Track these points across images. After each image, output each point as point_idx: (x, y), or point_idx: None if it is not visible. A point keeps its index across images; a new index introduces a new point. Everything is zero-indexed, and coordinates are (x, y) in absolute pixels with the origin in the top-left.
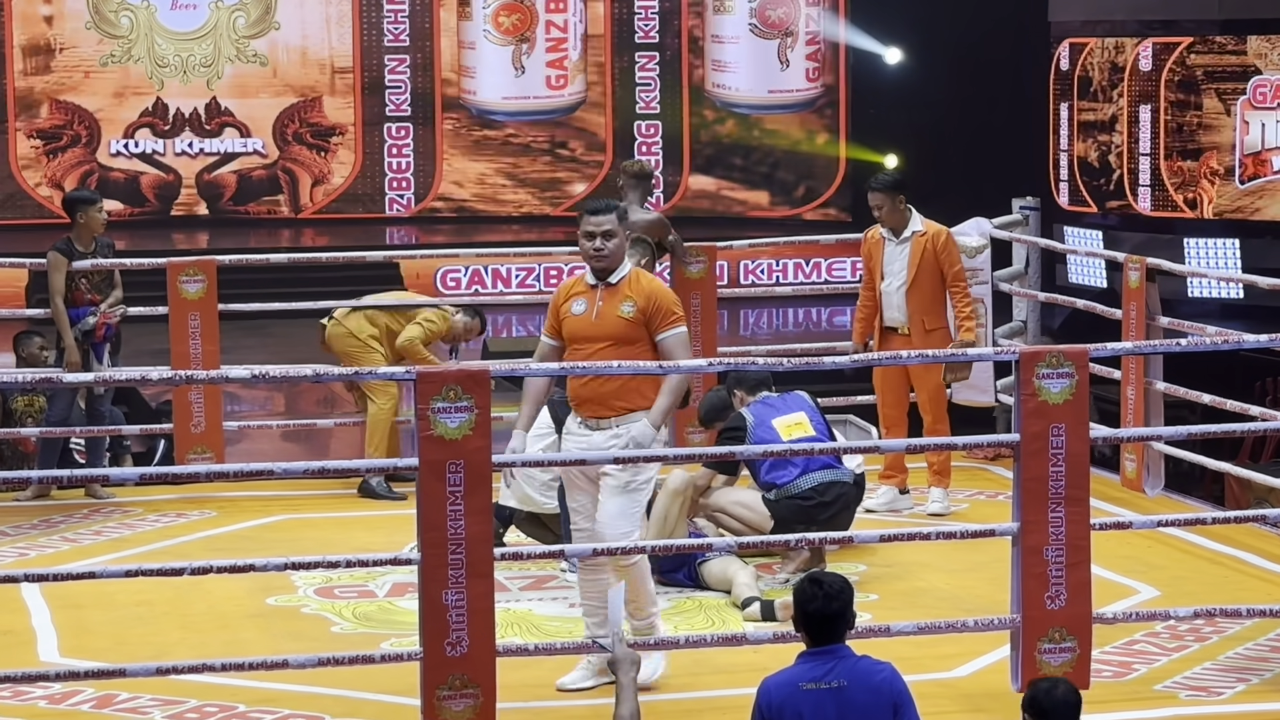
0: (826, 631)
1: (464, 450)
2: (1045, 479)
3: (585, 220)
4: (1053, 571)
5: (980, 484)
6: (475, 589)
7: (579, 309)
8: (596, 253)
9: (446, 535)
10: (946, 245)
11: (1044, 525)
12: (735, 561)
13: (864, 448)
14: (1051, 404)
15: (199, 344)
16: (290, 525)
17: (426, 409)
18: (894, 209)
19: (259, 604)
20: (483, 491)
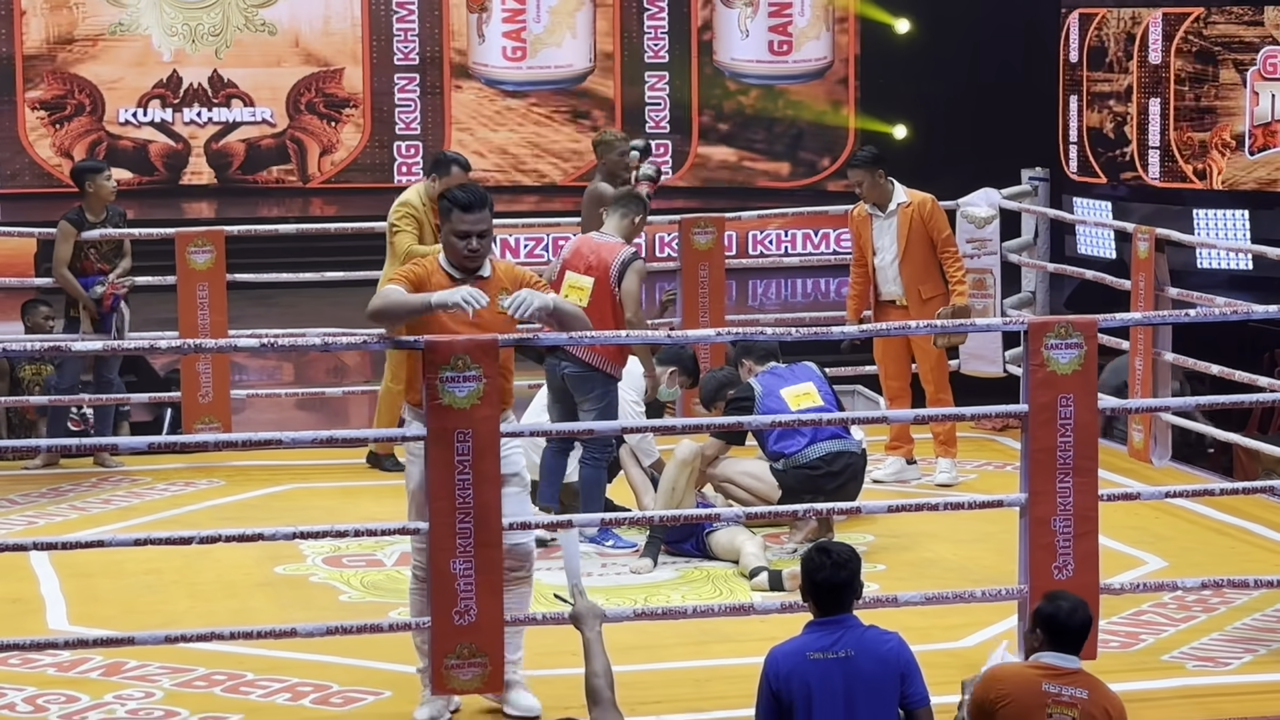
0: (834, 601)
1: (472, 419)
2: (1053, 449)
3: (457, 217)
4: (1060, 542)
5: (988, 455)
6: (483, 558)
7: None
8: (471, 254)
9: (455, 504)
10: (933, 212)
11: (1052, 496)
12: (743, 531)
13: (871, 418)
14: (1060, 374)
15: (207, 314)
16: (298, 494)
17: (434, 378)
18: (875, 184)
19: (267, 573)
20: (490, 460)
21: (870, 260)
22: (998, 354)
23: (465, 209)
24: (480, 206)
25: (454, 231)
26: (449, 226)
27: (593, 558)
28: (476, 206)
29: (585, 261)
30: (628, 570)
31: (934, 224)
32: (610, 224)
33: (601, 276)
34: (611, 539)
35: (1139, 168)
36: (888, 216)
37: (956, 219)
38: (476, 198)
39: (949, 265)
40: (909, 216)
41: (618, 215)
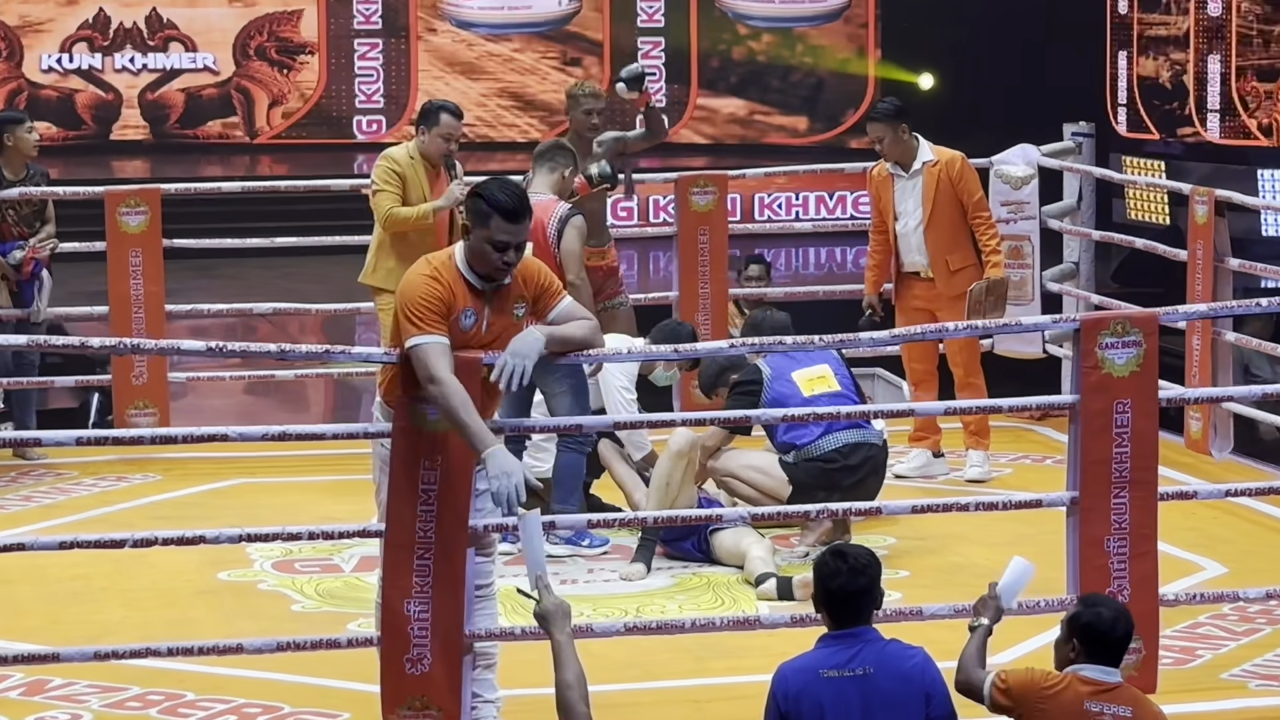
0: (851, 612)
1: (445, 446)
2: (1108, 461)
3: (497, 225)
4: (1115, 564)
5: (1025, 446)
6: (443, 603)
7: (468, 323)
8: (505, 266)
9: (413, 539)
10: (963, 172)
11: (1106, 513)
12: (749, 533)
13: (896, 411)
14: (1116, 377)
15: (140, 284)
16: (245, 491)
17: (409, 400)
18: (897, 140)
19: (209, 579)
20: (462, 491)
21: (891, 226)
22: (1036, 333)
23: (509, 216)
24: (526, 214)
25: (490, 240)
26: (484, 233)
27: (578, 562)
28: (522, 215)
29: None
30: (617, 577)
31: (964, 185)
32: (539, 180)
33: (539, 239)
34: (588, 539)
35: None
36: (911, 177)
37: (990, 180)
38: (523, 204)
39: (981, 233)
40: (935, 177)
41: (545, 169)
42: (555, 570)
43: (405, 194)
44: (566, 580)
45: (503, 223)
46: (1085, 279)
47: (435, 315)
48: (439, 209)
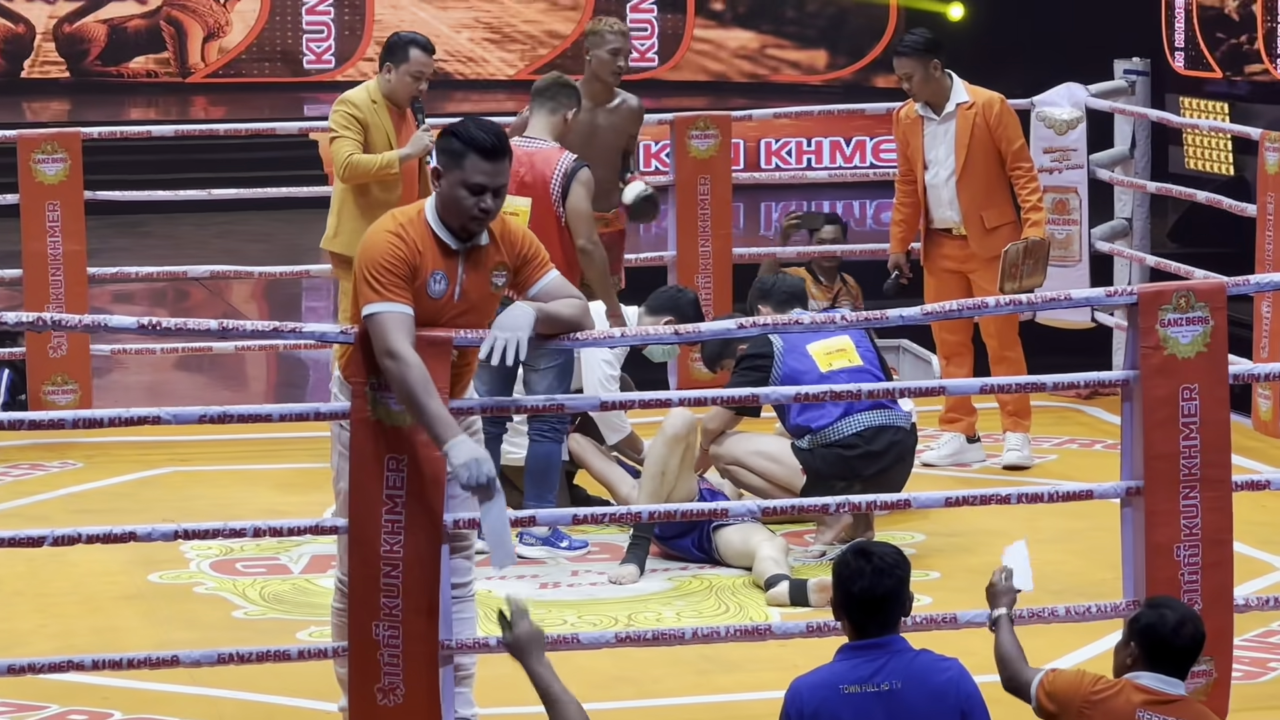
0: (875, 619)
1: (411, 442)
2: (1175, 457)
3: (472, 164)
4: (1186, 576)
5: (1072, 429)
6: (415, 624)
7: (438, 289)
8: (482, 215)
9: (379, 553)
10: (1002, 116)
11: (1174, 518)
12: (758, 529)
13: (925, 389)
14: (1181, 359)
15: (59, 242)
16: (179, 481)
17: (363, 384)
18: (928, 78)
19: (139, 582)
20: (432, 497)
21: (920, 176)
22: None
23: (486, 154)
24: (505, 153)
25: (465, 182)
26: (457, 174)
27: (561, 563)
28: (501, 152)
29: (515, 177)
30: (606, 579)
31: (1003, 131)
32: (538, 124)
33: (540, 195)
34: (566, 539)
35: (1265, 59)
36: (943, 120)
37: (1030, 124)
38: (501, 141)
39: (1022, 186)
40: (970, 121)
41: (546, 111)
42: (535, 573)
43: (367, 142)
44: (547, 584)
45: (479, 161)
46: (1139, 238)
47: (398, 279)
48: (406, 157)
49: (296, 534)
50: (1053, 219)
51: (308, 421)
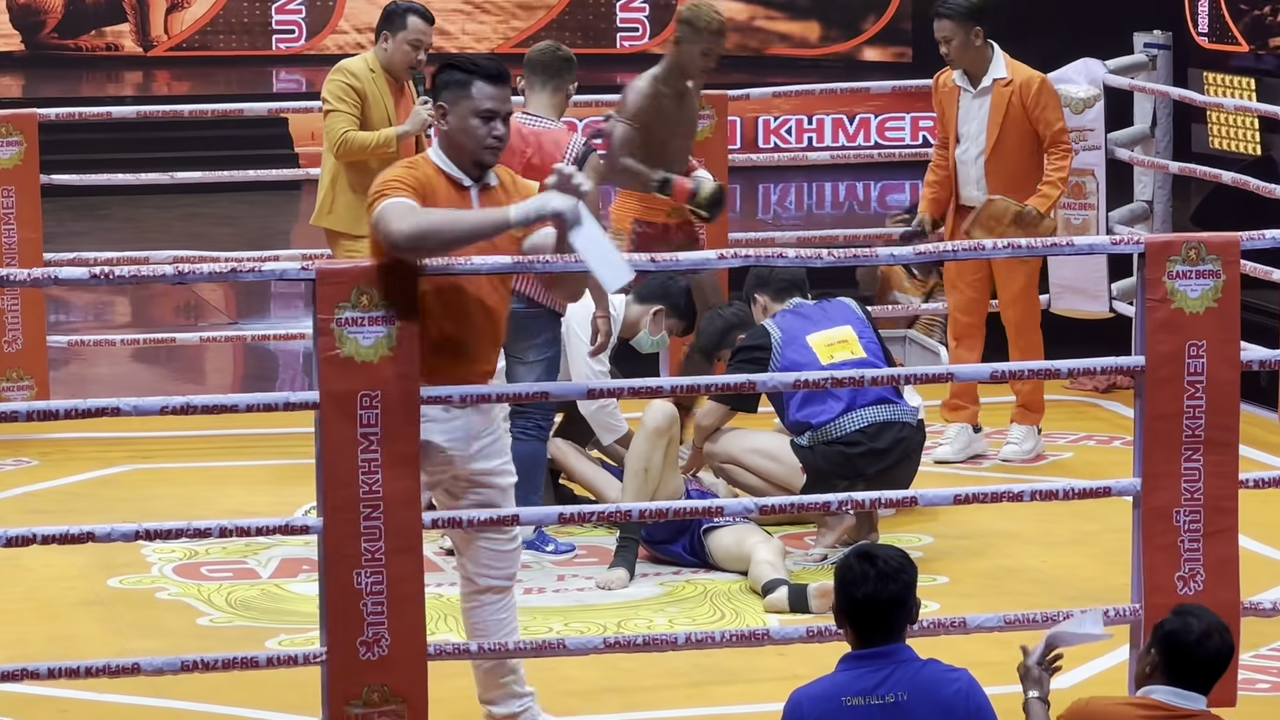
0: (880, 626)
1: (382, 377)
2: (1178, 416)
3: (479, 91)
4: (1186, 543)
5: (1089, 424)
6: (399, 568)
7: None
8: (496, 142)
9: (359, 494)
10: (1040, 97)
11: (1175, 480)
12: (754, 531)
13: (932, 375)
14: (1188, 313)
15: (14, 230)
16: (140, 479)
17: (329, 319)
18: (967, 45)
19: (99, 587)
20: (408, 434)
21: (951, 150)
22: (1101, 286)
23: (492, 78)
24: (508, 78)
25: (476, 110)
26: (466, 104)
27: (546, 567)
28: (505, 77)
29: (521, 158)
30: (593, 584)
31: (1040, 113)
32: (539, 100)
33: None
34: (551, 543)
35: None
36: (979, 94)
37: None
38: (501, 66)
39: (1052, 159)
40: (1006, 98)
41: (549, 89)
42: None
43: (366, 115)
44: (531, 589)
45: (486, 86)
46: (1160, 221)
47: (406, 189)
48: (404, 135)
49: (265, 534)
50: (1068, 203)
51: (276, 412)
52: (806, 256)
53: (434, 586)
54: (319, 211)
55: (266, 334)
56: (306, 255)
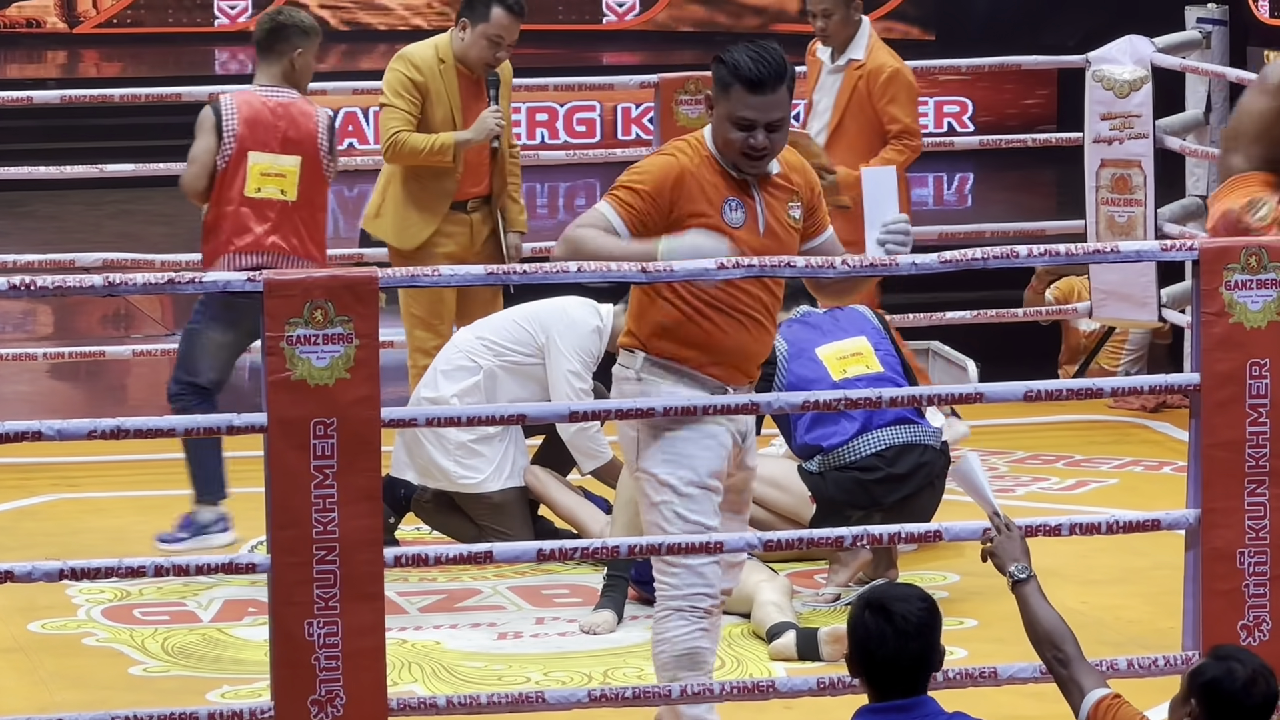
0: (900, 682)
1: (338, 403)
2: (1240, 444)
3: (738, 97)
4: (1251, 587)
5: (1136, 448)
6: (356, 617)
7: (734, 217)
8: (753, 154)
9: (311, 534)
10: (887, 89)
11: (1237, 516)
12: (757, 568)
13: (958, 395)
14: (1249, 328)
15: None
16: (66, 510)
17: (279, 337)
18: (847, 20)
19: (18, 631)
20: (367, 465)
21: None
22: (1150, 292)
23: (753, 86)
24: (776, 82)
25: (731, 117)
26: (724, 107)
27: (522, 609)
28: (771, 83)
29: (277, 133)
30: (577, 628)
31: (887, 106)
32: (264, 71)
33: (310, 153)
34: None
35: None
36: (834, 70)
37: (1086, 86)
38: (771, 69)
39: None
40: (854, 82)
41: (270, 59)
42: (492, 620)
43: (427, 113)
44: (506, 634)
45: (745, 93)
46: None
47: (637, 198)
48: (466, 143)
49: (206, 573)
50: (1112, 199)
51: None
52: (817, 265)
53: (397, 631)
54: (367, 214)
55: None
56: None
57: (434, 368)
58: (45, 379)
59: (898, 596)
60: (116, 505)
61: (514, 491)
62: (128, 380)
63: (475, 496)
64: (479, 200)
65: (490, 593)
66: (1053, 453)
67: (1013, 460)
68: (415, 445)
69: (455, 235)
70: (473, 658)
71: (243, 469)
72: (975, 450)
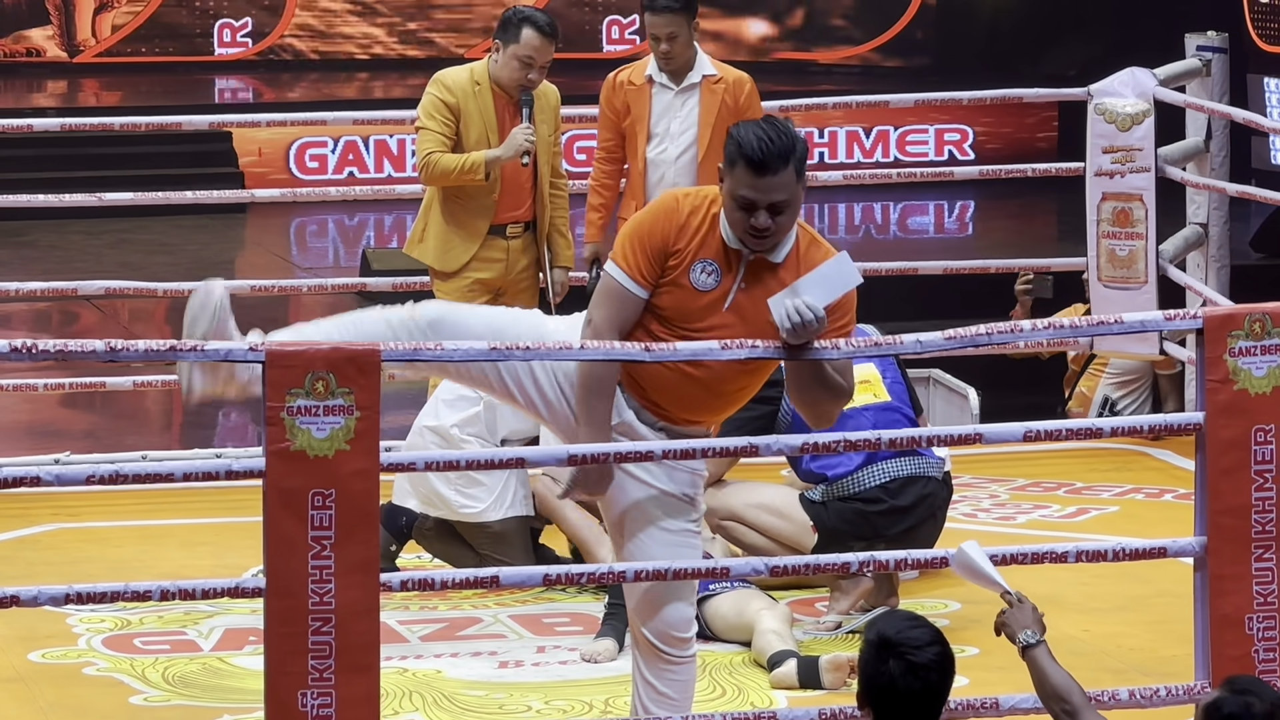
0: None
1: (337, 474)
2: (1247, 511)
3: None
4: (1261, 653)
5: (1136, 475)
6: (351, 688)
7: (706, 281)
8: (756, 235)
9: (307, 606)
10: (751, 99)
11: (1246, 582)
12: (757, 596)
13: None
14: (1254, 395)
15: None
16: (67, 539)
17: (279, 408)
18: (690, 41)
19: (18, 661)
20: (365, 537)
21: (640, 151)
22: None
23: (755, 167)
24: (780, 164)
25: (734, 195)
26: (729, 183)
27: (524, 638)
28: (774, 164)
29: None
30: (577, 656)
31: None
32: None
33: None
34: None
35: None
36: (683, 91)
37: (1088, 118)
38: (776, 149)
39: None
40: (719, 97)
41: None
42: (493, 649)
43: (463, 134)
44: (508, 662)
45: (747, 172)
46: (1217, 246)
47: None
48: (495, 160)
49: (209, 598)
50: (1113, 232)
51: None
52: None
53: (398, 659)
54: (411, 239)
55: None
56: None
57: (436, 396)
58: (45, 408)
59: (912, 641)
60: (118, 534)
61: (515, 521)
62: (129, 411)
63: (476, 525)
64: (519, 227)
65: (491, 621)
66: (1054, 480)
67: (1014, 488)
68: (416, 474)
69: (491, 262)
70: (474, 686)
71: (240, 498)
72: (976, 478)
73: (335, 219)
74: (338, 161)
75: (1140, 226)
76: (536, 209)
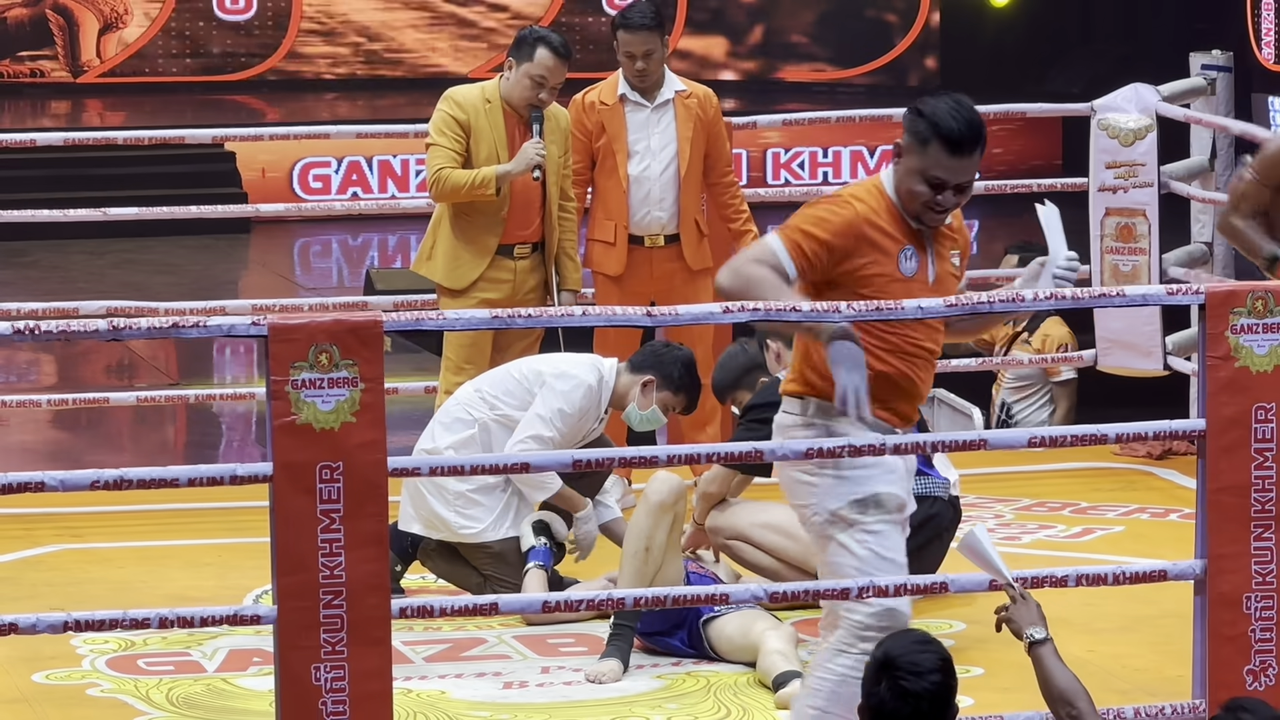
0: None
1: (344, 446)
2: (1246, 489)
3: (935, 155)
4: (1258, 633)
5: (1141, 495)
6: (364, 662)
7: (910, 267)
8: (936, 211)
9: (318, 579)
10: (719, 113)
11: (1244, 562)
12: (762, 617)
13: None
14: (1255, 372)
15: None
16: (70, 560)
17: (284, 381)
18: (663, 58)
19: (22, 682)
20: (374, 510)
21: (621, 170)
22: (1155, 340)
23: (952, 147)
24: (973, 146)
25: (924, 173)
26: (917, 160)
27: (528, 659)
28: (969, 145)
29: None
30: (582, 677)
31: (719, 129)
32: None
33: None
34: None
35: None
36: (657, 108)
37: (1091, 133)
38: (974, 131)
39: (732, 196)
40: (694, 113)
41: None
42: (497, 670)
43: (473, 151)
44: (512, 683)
45: (943, 153)
46: (1221, 264)
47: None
48: (505, 175)
49: (212, 624)
50: (1117, 248)
51: (221, 486)
52: (823, 310)
53: (402, 680)
54: (419, 257)
55: (212, 395)
56: (257, 306)
57: (434, 419)
58: (45, 428)
59: (912, 666)
60: (121, 555)
61: (514, 541)
62: (132, 428)
63: (476, 546)
64: (527, 248)
65: (496, 642)
66: (1058, 499)
67: (1018, 507)
68: (418, 497)
69: (499, 283)
70: (478, 707)
71: (245, 518)
72: (981, 498)
73: (339, 239)
74: (341, 181)
75: (1143, 241)
76: (545, 230)
